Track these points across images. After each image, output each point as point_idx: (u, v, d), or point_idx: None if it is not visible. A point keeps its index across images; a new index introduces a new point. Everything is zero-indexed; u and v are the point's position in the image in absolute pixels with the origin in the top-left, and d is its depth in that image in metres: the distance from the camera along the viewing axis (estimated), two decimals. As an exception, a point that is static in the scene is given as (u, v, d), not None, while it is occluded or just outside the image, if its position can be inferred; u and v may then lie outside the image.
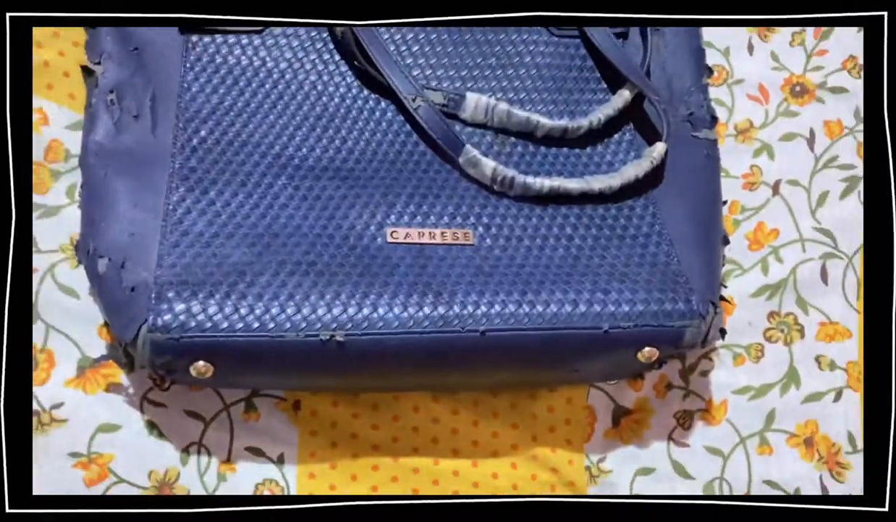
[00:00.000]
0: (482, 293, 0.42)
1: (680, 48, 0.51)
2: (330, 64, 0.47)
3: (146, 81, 0.45)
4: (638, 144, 0.49)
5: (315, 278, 0.41)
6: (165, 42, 0.46)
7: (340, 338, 0.40)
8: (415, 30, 0.48)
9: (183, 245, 0.41)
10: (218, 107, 0.45)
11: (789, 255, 0.52)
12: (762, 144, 0.54)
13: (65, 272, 0.45)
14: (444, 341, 0.41)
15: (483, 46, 0.49)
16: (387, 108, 0.47)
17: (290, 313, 0.40)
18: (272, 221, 0.43)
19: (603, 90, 0.49)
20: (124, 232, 0.42)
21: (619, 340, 0.43)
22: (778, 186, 0.53)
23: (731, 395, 0.51)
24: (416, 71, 0.48)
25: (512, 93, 0.48)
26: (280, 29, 0.47)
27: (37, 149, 0.46)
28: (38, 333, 0.44)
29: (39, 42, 0.46)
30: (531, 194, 0.46)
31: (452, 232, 0.44)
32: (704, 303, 0.44)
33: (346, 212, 0.44)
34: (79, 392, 0.44)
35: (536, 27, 0.49)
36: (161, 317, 0.39)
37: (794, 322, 0.52)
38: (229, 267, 0.41)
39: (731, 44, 0.55)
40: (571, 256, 0.45)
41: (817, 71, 0.55)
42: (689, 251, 0.46)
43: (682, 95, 0.50)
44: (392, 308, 0.41)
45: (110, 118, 0.44)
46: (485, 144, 0.47)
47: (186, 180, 0.43)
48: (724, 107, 0.54)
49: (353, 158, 0.45)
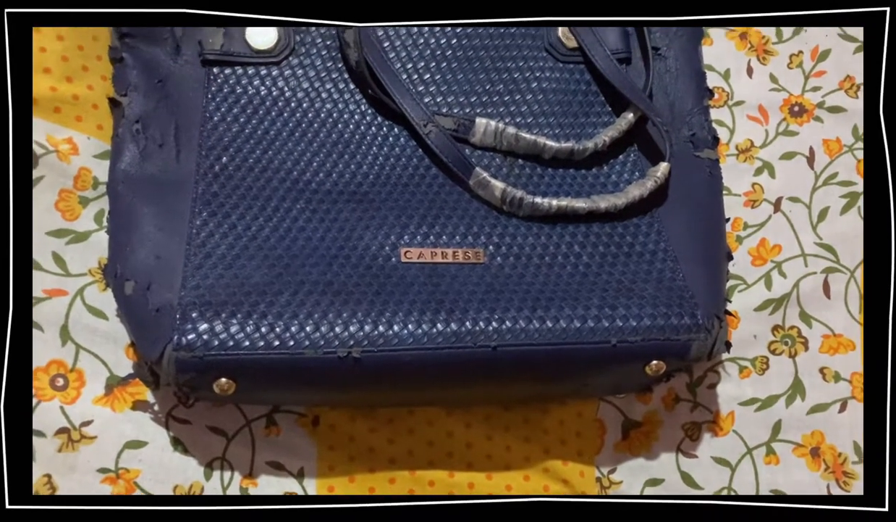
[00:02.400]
0: (493, 310, 0.44)
1: (681, 72, 0.53)
2: (345, 93, 0.49)
3: (170, 112, 0.47)
4: (642, 164, 0.50)
5: (332, 297, 0.43)
6: (188, 74, 0.48)
7: (357, 354, 0.42)
8: (425, 58, 0.50)
9: (206, 267, 0.43)
10: (238, 135, 0.47)
11: (792, 269, 0.54)
12: (763, 163, 0.55)
13: (94, 295, 0.47)
14: (457, 356, 0.43)
15: (491, 73, 0.51)
16: (400, 133, 0.49)
17: (309, 331, 0.42)
18: (291, 242, 0.45)
19: (607, 113, 0.51)
20: (150, 255, 0.43)
21: (627, 354, 0.44)
22: (779, 203, 0.55)
23: (738, 407, 0.52)
24: (427, 98, 0.50)
25: (519, 117, 0.50)
26: (297, 60, 0.49)
27: (66, 177, 0.48)
28: (69, 353, 0.46)
29: (70, 76, 0.48)
30: (540, 214, 0.47)
31: (464, 251, 0.46)
32: (709, 317, 0.45)
33: (362, 233, 0.45)
34: (107, 410, 0.46)
35: (542, 54, 0.51)
36: (185, 336, 0.41)
37: (798, 335, 0.53)
38: (250, 287, 0.43)
39: (731, 66, 0.57)
40: (579, 273, 0.46)
41: (815, 91, 0.56)
42: (693, 267, 0.47)
43: (684, 116, 0.52)
44: (406, 325, 0.43)
45: (136, 147, 0.46)
46: (494, 166, 0.49)
47: (209, 205, 0.45)
48: (725, 127, 0.56)
49: (367, 182, 0.47)
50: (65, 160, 0.48)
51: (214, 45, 0.48)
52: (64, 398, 0.45)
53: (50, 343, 0.45)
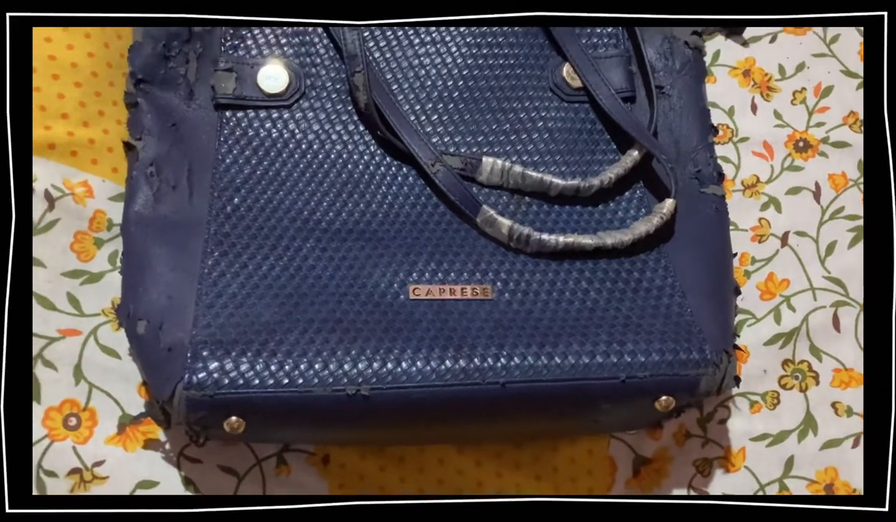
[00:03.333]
0: (502, 346, 0.44)
1: (685, 109, 0.53)
2: (355, 134, 0.50)
3: (183, 154, 0.48)
4: (648, 200, 0.51)
5: (341, 334, 0.43)
6: (201, 117, 0.49)
7: (366, 392, 0.42)
8: (433, 99, 0.51)
9: (217, 306, 0.44)
10: (250, 176, 0.48)
11: (801, 303, 0.54)
12: (769, 198, 0.55)
13: (107, 334, 0.47)
14: (466, 393, 0.43)
15: (497, 113, 0.52)
16: (408, 172, 0.50)
17: (318, 369, 0.42)
18: (301, 281, 0.45)
19: (613, 151, 0.52)
20: (162, 295, 0.44)
21: (636, 389, 0.44)
22: (786, 238, 0.55)
23: (750, 442, 0.52)
24: (434, 138, 0.50)
25: (526, 155, 0.51)
26: (308, 103, 0.50)
27: (82, 219, 0.49)
28: (82, 392, 0.46)
29: (86, 121, 0.50)
30: (547, 251, 0.48)
31: (472, 288, 0.46)
32: (718, 352, 0.45)
33: (371, 271, 0.46)
34: (119, 450, 0.46)
35: (547, 93, 0.52)
36: (196, 375, 0.41)
37: (809, 369, 0.53)
38: (260, 326, 0.43)
39: (735, 103, 0.57)
40: (587, 308, 0.46)
41: (819, 127, 0.57)
42: (701, 302, 0.47)
43: (689, 153, 0.52)
44: (415, 362, 0.43)
45: (150, 189, 0.47)
46: (501, 203, 0.49)
47: (221, 245, 0.46)
48: (730, 164, 0.56)
49: (376, 221, 0.48)
50: (80, 203, 0.49)
51: (227, 89, 0.50)
52: (76, 437, 0.45)
53: (63, 383, 0.46)
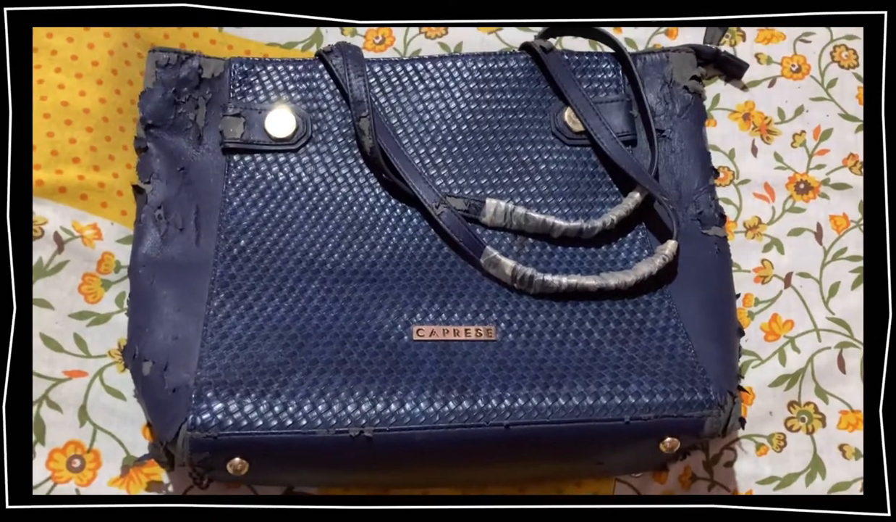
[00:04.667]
0: (505, 388, 0.44)
1: (686, 152, 0.54)
2: (360, 177, 0.51)
3: (191, 197, 0.49)
4: (650, 241, 0.51)
5: (345, 375, 0.43)
6: (209, 161, 0.50)
7: (369, 434, 0.42)
8: (437, 143, 0.52)
9: (222, 347, 0.44)
10: (256, 219, 0.49)
11: (805, 345, 0.53)
12: (771, 239, 0.56)
13: (113, 376, 0.48)
14: (470, 435, 0.43)
15: (500, 156, 0.52)
16: (412, 214, 0.50)
17: (321, 410, 0.42)
18: (305, 322, 0.45)
19: (615, 193, 0.52)
20: (168, 336, 0.45)
21: (640, 430, 0.44)
22: (789, 279, 0.55)
23: (756, 485, 0.51)
24: (439, 181, 0.51)
25: (529, 197, 0.51)
26: (314, 147, 0.51)
27: (90, 261, 0.49)
28: (86, 434, 0.46)
29: (97, 165, 0.50)
30: (550, 292, 0.48)
31: (476, 329, 0.46)
32: (722, 393, 0.45)
33: (375, 312, 0.46)
34: (122, 492, 0.46)
35: (549, 137, 0.53)
36: (200, 416, 0.41)
37: (815, 411, 0.52)
38: (264, 367, 0.43)
39: (736, 146, 0.58)
40: (591, 350, 0.46)
41: (819, 169, 0.57)
42: (705, 343, 0.47)
43: (690, 195, 0.53)
44: (419, 404, 0.43)
45: (158, 231, 0.48)
46: (504, 245, 0.50)
47: (226, 287, 0.46)
48: (732, 205, 0.57)
49: (381, 262, 0.48)
50: (89, 245, 0.49)
51: (235, 134, 0.51)
52: (79, 479, 0.45)
53: (68, 424, 0.46)
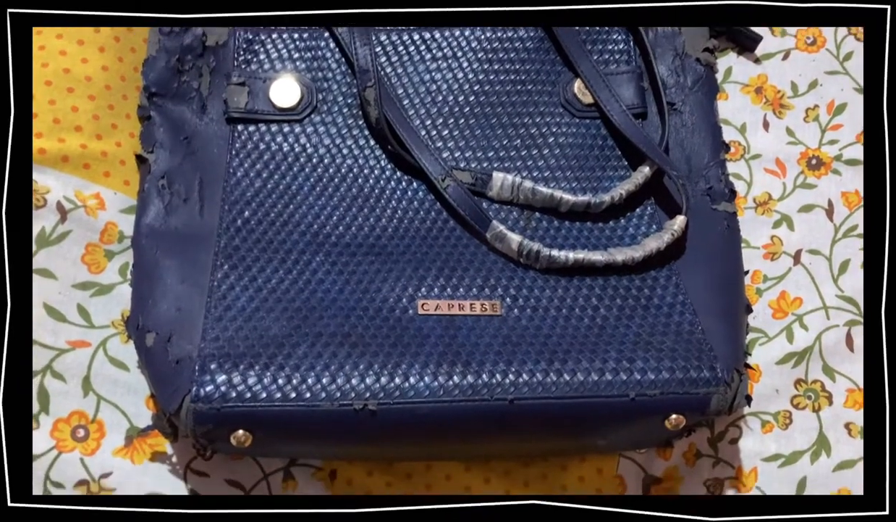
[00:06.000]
0: (510, 363, 0.44)
1: (697, 126, 0.53)
2: (365, 148, 0.50)
3: (195, 168, 0.49)
4: (659, 217, 0.50)
5: (349, 348, 0.43)
6: (213, 131, 0.50)
7: (373, 407, 0.42)
8: (444, 115, 0.51)
9: (226, 319, 0.44)
10: (261, 190, 0.48)
11: (814, 322, 0.53)
12: (781, 216, 0.55)
13: (116, 347, 0.48)
14: (474, 409, 0.43)
15: (508, 129, 0.52)
16: (418, 187, 0.50)
17: (325, 383, 0.42)
18: (310, 295, 0.45)
19: (624, 167, 0.52)
20: (171, 308, 0.44)
21: (645, 407, 0.44)
22: (799, 256, 0.54)
23: (761, 463, 0.51)
24: (445, 153, 0.51)
25: (536, 171, 0.51)
26: (319, 117, 0.51)
27: (93, 231, 0.49)
28: (90, 404, 0.46)
29: (99, 134, 0.50)
30: (556, 267, 0.47)
31: (481, 304, 0.46)
32: (729, 370, 0.45)
33: (380, 286, 0.46)
34: (126, 462, 0.46)
35: (558, 109, 0.52)
36: (203, 388, 0.41)
37: (822, 389, 0.52)
38: (269, 339, 0.43)
39: (748, 120, 0.57)
40: (597, 326, 0.46)
41: (832, 145, 0.56)
42: (712, 320, 0.47)
43: (700, 170, 0.52)
44: (423, 378, 0.43)
45: (161, 202, 0.47)
46: (511, 219, 0.49)
47: (230, 258, 0.46)
48: (742, 181, 0.56)
49: (386, 235, 0.48)
50: (92, 215, 0.49)
51: (239, 103, 0.50)
52: (84, 449, 0.45)
53: (72, 394, 0.46)
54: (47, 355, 0.46)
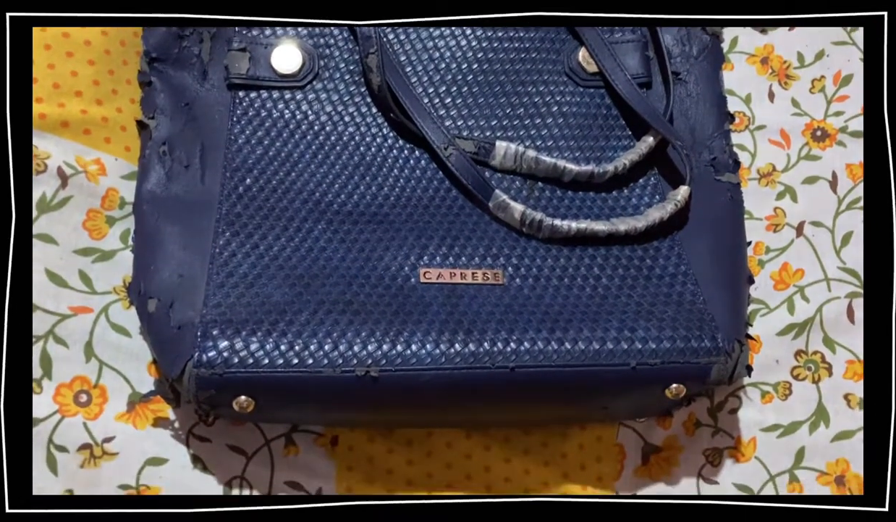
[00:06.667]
0: (512, 331, 0.44)
1: (702, 96, 0.53)
2: (367, 116, 0.50)
3: (196, 134, 0.48)
4: (662, 187, 0.50)
5: (351, 316, 0.43)
6: (214, 97, 0.49)
7: (375, 374, 0.42)
8: (447, 82, 0.51)
9: (228, 286, 0.44)
10: (262, 157, 0.48)
11: (815, 294, 0.53)
12: (785, 187, 0.55)
13: (118, 313, 0.48)
14: (475, 377, 0.43)
15: (512, 97, 0.51)
16: (420, 156, 0.49)
17: (328, 350, 0.42)
18: (312, 262, 0.45)
19: (628, 137, 0.51)
20: (173, 274, 0.44)
21: (646, 376, 0.44)
22: (802, 228, 0.54)
23: (760, 433, 0.51)
24: (448, 121, 0.50)
25: (540, 140, 0.50)
26: (321, 84, 0.50)
27: (94, 197, 0.49)
28: (92, 370, 0.46)
29: (100, 99, 0.50)
30: (559, 236, 0.47)
31: (483, 272, 0.46)
32: (730, 340, 0.45)
33: (382, 254, 0.46)
34: (129, 427, 0.46)
35: (563, 78, 0.52)
36: (206, 354, 0.41)
37: (822, 361, 0.52)
38: (271, 306, 0.43)
39: (753, 91, 0.57)
40: (599, 295, 0.46)
41: (838, 116, 0.56)
42: (714, 290, 0.47)
43: (704, 140, 0.52)
44: (424, 345, 0.43)
45: (162, 168, 0.47)
46: (514, 188, 0.49)
47: (232, 225, 0.46)
48: (746, 152, 0.56)
49: (388, 204, 0.48)
50: (93, 181, 0.49)
51: (240, 69, 0.50)
52: (87, 413, 0.46)
53: (74, 359, 0.46)
54: (50, 320, 0.46)
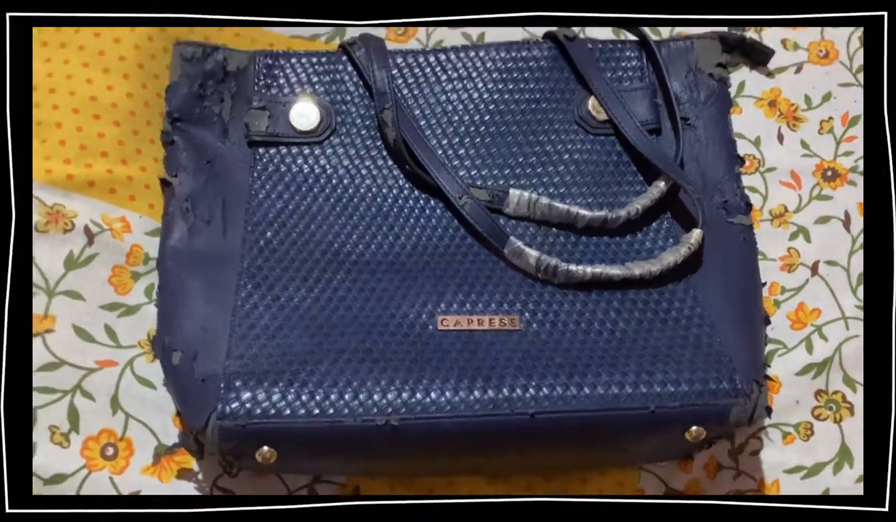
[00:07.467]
0: (530, 377, 0.44)
1: (711, 140, 0.54)
2: (384, 168, 0.51)
3: (218, 190, 0.50)
4: (675, 230, 0.51)
5: (371, 364, 0.44)
6: (235, 154, 0.51)
7: (395, 422, 0.42)
8: (459, 134, 0.52)
9: (250, 337, 0.45)
10: (282, 211, 0.49)
11: (833, 333, 0.53)
12: (798, 228, 0.55)
13: (143, 366, 0.48)
14: (495, 423, 0.43)
15: (524, 146, 0.52)
16: (436, 205, 0.51)
17: (348, 399, 0.43)
18: (331, 312, 0.46)
19: (639, 182, 0.52)
20: (197, 327, 0.45)
21: (665, 419, 0.44)
22: (816, 267, 0.54)
23: (783, 474, 0.51)
24: (462, 171, 0.51)
25: (552, 188, 0.51)
26: (338, 139, 0.52)
27: (119, 254, 0.50)
28: (118, 422, 0.47)
29: (125, 159, 0.51)
30: (575, 281, 0.48)
31: (500, 318, 0.46)
32: (748, 381, 0.45)
33: (400, 302, 0.47)
34: (154, 480, 0.47)
35: (573, 126, 0.53)
36: (229, 405, 0.42)
37: (843, 400, 0.52)
38: (292, 357, 0.44)
39: (762, 134, 0.57)
40: (616, 339, 0.46)
41: (847, 156, 0.57)
42: (730, 332, 0.47)
43: (715, 184, 0.52)
44: (444, 393, 0.43)
45: (185, 224, 0.49)
46: (528, 234, 0.50)
47: (254, 278, 0.47)
48: (757, 194, 0.56)
49: (405, 252, 0.49)
50: (118, 238, 0.50)
51: (260, 127, 0.51)
52: (113, 467, 0.46)
53: (101, 412, 0.47)
54: (77, 374, 0.47)
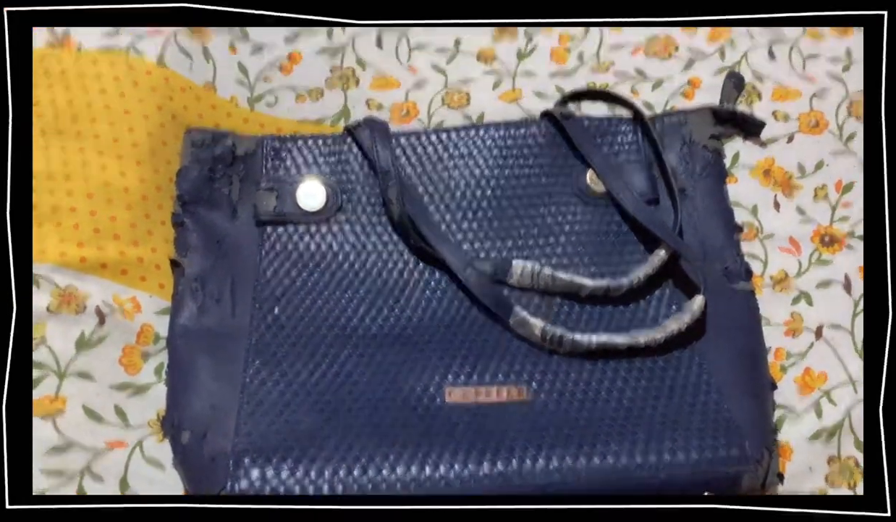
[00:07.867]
0: (539, 448, 0.44)
1: (709, 210, 0.55)
2: (389, 244, 0.52)
3: (227, 269, 0.51)
4: (678, 298, 0.51)
5: (379, 439, 0.44)
6: (244, 233, 0.52)
7: (405, 497, 0.42)
8: (462, 208, 0.53)
9: (258, 414, 0.45)
10: (290, 288, 0.50)
11: (842, 397, 0.53)
12: (800, 293, 0.56)
13: (151, 446, 0.48)
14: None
15: (525, 219, 0.53)
16: (441, 278, 0.51)
17: (356, 475, 0.43)
18: (339, 388, 0.46)
19: (640, 251, 0.53)
20: (206, 405, 0.46)
21: (676, 487, 0.44)
22: (820, 331, 0.55)
23: (800, 543, 0.50)
24: (465, 245, 0.52)
25: (555, 258, 0.52)
26: (344, 217, 0.53)
27: (129, 333, 0.50)
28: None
29: (136, 240, 0.52)
30: (581, 351, 0.48)
31: (507, 390, 0.47)
32: (758, 448, 0.45)
33: (406, 375, 0.47)
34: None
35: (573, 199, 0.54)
36: (238, 483, 0.42)
37: (856, 465, 0.51)
38: (300, 433, 0.44)
39: (758, 202, 0.58)
40: (624, 408, 0.46)
41: (844, 221, 0.57)
42: (738, 399, 0.47)
43: (715, 252, 0.53)
44: (453, 466, 0.43)
45: (194, 303, 0.49)
46: (533, 305, 0.50)
47: (262, 354, 0.47)
48: (758, 260, 0.57)
49: (411, 326, 0.49)
50: (128, 318, 0.51)
51: (268, 207, 0.53)
52: (120, 549, 0.46)
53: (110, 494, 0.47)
54: (86, 456, 0.47)
